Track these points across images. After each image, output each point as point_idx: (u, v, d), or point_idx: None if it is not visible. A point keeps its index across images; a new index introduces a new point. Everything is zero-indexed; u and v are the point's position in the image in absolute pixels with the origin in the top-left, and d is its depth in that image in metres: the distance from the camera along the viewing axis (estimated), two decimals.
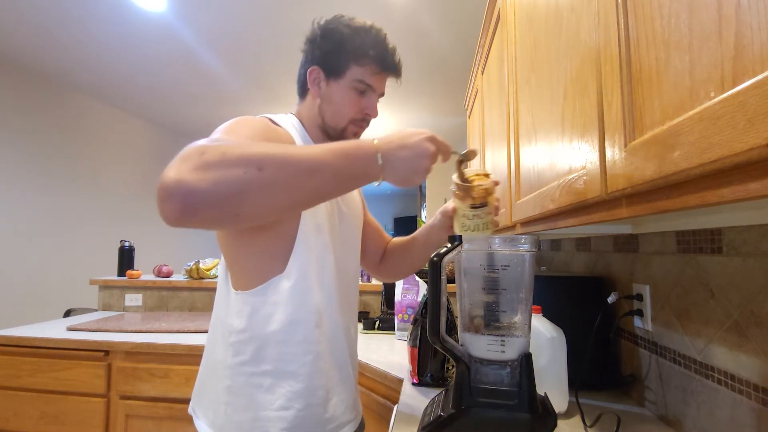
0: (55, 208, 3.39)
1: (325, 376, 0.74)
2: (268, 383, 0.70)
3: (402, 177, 0.60)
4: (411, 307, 1.62)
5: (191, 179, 0.45)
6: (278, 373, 0.70)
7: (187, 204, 0.45)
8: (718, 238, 0.67)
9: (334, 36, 0.77)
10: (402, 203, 9.77)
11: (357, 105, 0.79)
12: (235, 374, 0.71)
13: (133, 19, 2.39)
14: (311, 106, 0.81)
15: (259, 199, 0.50)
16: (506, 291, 0.68)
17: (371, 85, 0.79)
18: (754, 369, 0.59)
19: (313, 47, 0.79)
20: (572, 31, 0.58)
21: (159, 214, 0.46)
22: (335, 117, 0.79)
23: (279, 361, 0.70)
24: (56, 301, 3.30)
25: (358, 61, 0.76)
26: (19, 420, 1.57)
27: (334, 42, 0.77)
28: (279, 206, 0.53)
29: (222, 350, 0.73)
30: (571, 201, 0.56)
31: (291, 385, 0.70)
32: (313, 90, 0.80)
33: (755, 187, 0.26)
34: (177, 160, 0.47)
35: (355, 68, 0.77)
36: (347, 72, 0.77)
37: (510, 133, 1.02)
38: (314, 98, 0.80)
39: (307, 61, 0.80)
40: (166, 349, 1.53)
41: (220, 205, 0.47)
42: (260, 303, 0.71)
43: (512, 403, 0.65)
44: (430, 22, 2.39)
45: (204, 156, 0.47)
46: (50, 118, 3.33)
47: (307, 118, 0.82)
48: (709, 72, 0.29)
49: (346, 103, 0.78)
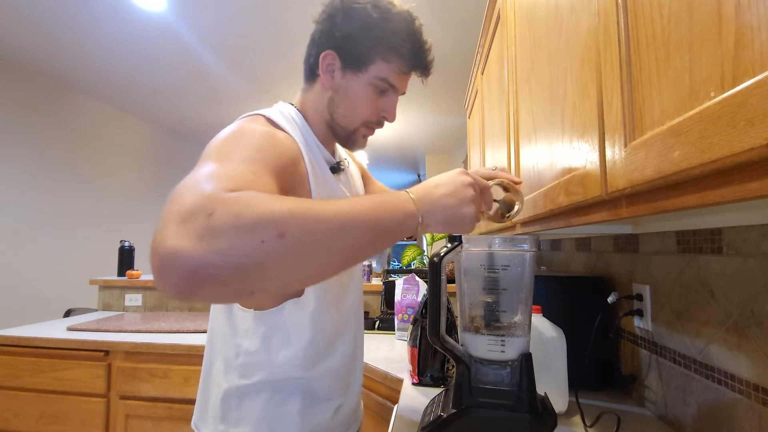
0: (55, 208, 3.39)
1: (338, 391, 0.73)
2: (278, 399, 0.67)
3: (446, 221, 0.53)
4: (411, 307, 1.62)
5: (196, 250, 0.34)
6: (290, 390, 0.67)
7: (191, 280, 0.35)
8: (718, 238, 0.67)
9: (360, 19, 0.64)
10: None
11: (374, 105, 0.69)
12: (242, 395, 0.66)
13: (133, 19, 2.39)
14: (319, 97, 0.70)
15: (280, 271, 0.38)
16: (506, 291, 0.68)
17: (394, 85, 0.68)
18: (754, 369, 0.59)
19: (332, 26, 0.65)
20: (572, 32, 0.58)
21: (156, 285, 0.36)
22: (348, 116, 0.69)
23: (290, 381, 0.67)
24: (56, 301, 3.30)
25: (386, 56, 0.65)
26: (19, 420, 1.57)
27: (359, 27, 0.64)
28: (302, 278, 0.43)
29: (224, 370, 0.68)
30: (571, 201, 0.56)
31: (303, 401, 0.68)
32: (325, 78, 0.68)
33: (755, 187, 0.26)
34: (175, 217, 0.36)
35: (381, 64, 0.65)
36: (370, 67, 0.65)
37: (510, 133, 1.02)
38: (325, 88, 0.69)
39: (322, 41, 0.67)
40: (166, 349, 1.53)
41: (233, 282, 0.36)
42: (277, 325, 0.65)
43: (512, 403, 0.65)
44: (430, 22, 2.39)
45: (212, 219, 0.35)
46: (50, 118, 3.33)
47: (313, 111, 0.71)
48: (709, 72, 0.29)
49: (364, 102, 0.68)
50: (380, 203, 0.47)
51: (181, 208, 0.37)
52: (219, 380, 0.68)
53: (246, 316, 0.66)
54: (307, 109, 0.72)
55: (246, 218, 0.36)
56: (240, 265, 0.35)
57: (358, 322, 0.81)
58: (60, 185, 3.44)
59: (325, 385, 0.71)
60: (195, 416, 0.74)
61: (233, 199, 0.38)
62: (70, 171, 3.53)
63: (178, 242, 0.34)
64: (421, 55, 0.68)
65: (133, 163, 4.29)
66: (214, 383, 0.70)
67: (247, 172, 0.46)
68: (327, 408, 0.71)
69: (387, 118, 0.71)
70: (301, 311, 0.66)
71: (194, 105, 3.90)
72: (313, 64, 0.69)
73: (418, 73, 0.71)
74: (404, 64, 0.67)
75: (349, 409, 0.77)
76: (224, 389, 0.67)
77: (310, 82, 0.72)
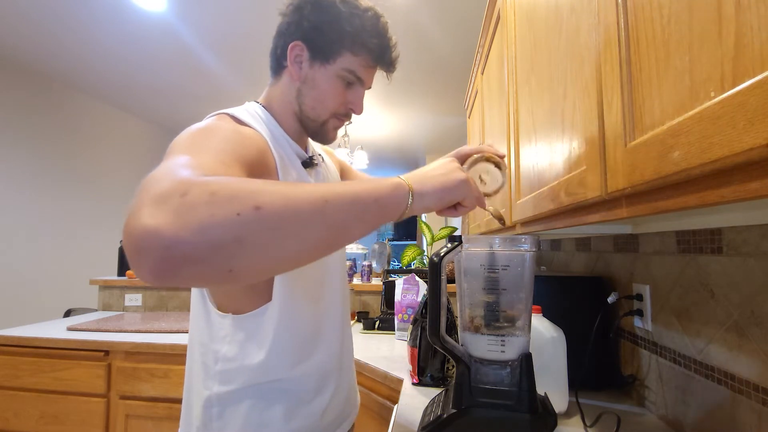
0: (55, 208, 3.39)
1: (325, 391, 0.72)
2: (261, 406, 0.65)
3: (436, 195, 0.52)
4: (411, 307, 1.62)
5: (171, 227, 0.33)
6: (273, 394, 0.66)
7: (166, 259, 0.33)
8: (718, 238, 0.67)
9: (329, 11, 0.65)
10: None
11: (342, 97, 0.69)
12: (224, 403, 0.65)
13: (133, 19, 2.39)
14: (287, 89, 0.70)
15: (259, 246, 0.36)
16: (506, 291, 0.68)
17: (361, 78, 0.69)
18: (754, 369, 0.59)
19: (300, 17, 0.66)
20: (572, 31, 0.58)
21: (132, 269, 0.34)
22: (316, 107, 0.69)
23: (271, 385, 0.66)
24: (56, 301, 3.30)
25: (354, 49, 0.66)
26: (19, 420, 1.57)
27: (328, 19, 0.65)
28: (285, 255, 0.39)
29: (204, 377, 0.66)
30: (571, 201, 0.56)
31: (286, 405, 0.67)
32: (293, 69, 0.68)
33: (755, 187, 0.26)
34: (149, 200, 0.34)
35: (349, 56, 0.66)
36: (339, 59, 0.66)
37: (510, 133, 1.02)
38: (293, 80, 0.69)
39: (289, 33, 0.67)
40: (166, 349, 1.53)
41: (210, 259, 0.34)
42: (254, 329, 0.64)
43: (512, 403, 0.65)
44: (430, 22, 2.39)
45: (187, 197, 0.34)
46: (50, 118, 3.33)
47: (281, 103, 0.71)
48: (709, 72, 0.29)
49: (331, 93, 0.68)
50: (366, 180, 0.48)
51: (155, 191, 0.35)
52: (199, 388, 0.67)
53: (224, 321, 0.65)
54: (274, 103, 0.71)
55: (221, 194, 0.35)
56: (216, 240, 0.34)
57: (343, 318, 0.79)
58: (60, 185, 3.44)
59: (309, 387, 0.69)
60: (181, 424, 0.72)
61: (208, 180, 0.37)
62: (70, 171, 3.53)
63: (152, 221, 0.33)
64: (388, 50, 0.69)
65: (133, 163, 4.29)
66: (195, 391, 0.68)
67: (218, 164, 0.46)
68: (313, 410, 0.70)
69: (354, 110, 0.71)
70: (277, 313, 0.65)
71: (194, 105, 3.90)
72: (280, 55, 0.69)
73: (384, 68, 0.71)
74: (371, 58, 0.68)
75: (338, 408, 0.76)
76: (205, 397, 0.65)
77: (277, 75, 0.72)
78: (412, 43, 2.65)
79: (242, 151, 0.53)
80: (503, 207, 1.10)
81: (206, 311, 0.67)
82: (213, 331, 0.66)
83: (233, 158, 0.50)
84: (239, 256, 0.35)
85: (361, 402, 1.32)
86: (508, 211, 1.03)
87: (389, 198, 0.47)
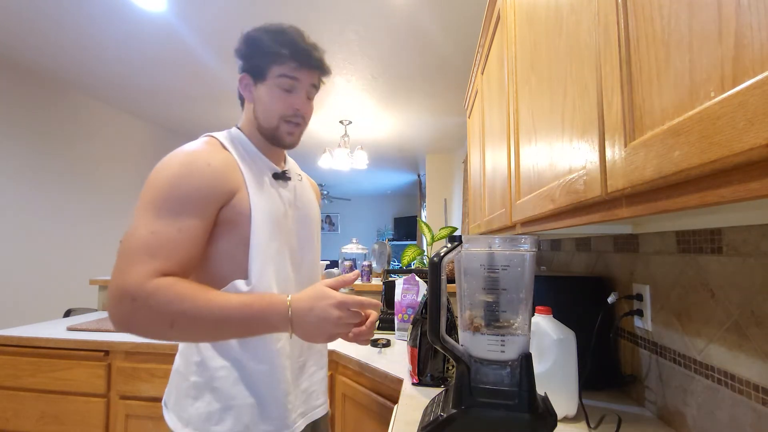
0: (55, 208, 3.39)
1: (287, 369, 0.79)
2: (233, 377, 0.75)
3: (309, 336, 0.69)
4: (411, 307, 1.62)
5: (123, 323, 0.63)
6: (240, 368, 0.76)
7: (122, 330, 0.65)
8: (718, 238, 0.67)
9: (253, 42, 0.82)
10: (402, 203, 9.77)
11: (284, 101, 0.82)
12: (200, 371, 0.76)
13: (133, 19, 2.39)
14: (248, 113, 0.86)
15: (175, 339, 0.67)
16: (506, 291, 0.68)
17: (296, 77, 0.82)
18: (754, 369, 0.59)
19: (239, 56, 0.84)
20: (572, 31, 0.58)
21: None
22: (266, 116, 0.83)
23: (240, 358, 0.76)
24: (56, 301, 3.30)
25: (276, 60, 0.80)
26: (19, 420, 1.57)
27: (254, 48, 0.81)
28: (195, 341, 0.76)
29: (186, 348, 0.79)
30: (571, 201, 0.56)
31: (255, 374, 0.76)
32: (246, 96, 0.85)
33: (755, 187, 0.26)
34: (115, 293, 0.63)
35: (275, 68, 0.81)
36: (269, 72, 0.81)
37: (510, 133, 1.02)
38: (248, 103, 0.86)
39: (239, 71, 0.85)
40: (166, 349, 1.53)
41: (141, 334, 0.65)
42: None
43: (512, 403, 0.65)
44: (430, 22, 2.39)
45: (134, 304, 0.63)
46: (50, 118, 3.33)
47: (248, 125, 0.86)
48: (709, 72, 0.29)
49: (274, 100, 0.82)
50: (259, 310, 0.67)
51: (121, 284, 0.63)
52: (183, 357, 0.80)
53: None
54: (244, 126, 0.87)
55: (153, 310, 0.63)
56: (146, 334, 0.65)
57: None
58: (60, 185, 3.44)
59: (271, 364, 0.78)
60: (165, 396, 0.83)
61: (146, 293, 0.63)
62: (70, 171, 3.53)
63: (114, 313, 0.63)
64: (303, 51, 0.81)
65: (132, 162, 4.29)
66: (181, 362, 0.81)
67: (174, 232, 0.67)
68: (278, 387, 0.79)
69: (300, 109, 0.84)
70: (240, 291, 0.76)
71: (194, 105, 3.90)
72: (239, 91, 0.87)
73: (309, 66, 0.83)
74: (293, 62, 0.81)
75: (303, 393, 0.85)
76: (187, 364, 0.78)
77: (243, 107, 0.89)
78: (412, 43, 2.65)
79: (205, 193, 0.71)
80: (503, 207, 1.10)
81: None
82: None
83: (189, 214, 0.69)
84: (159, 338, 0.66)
85: (361, 402, 1.32)
86: (508, 211, 1.03)
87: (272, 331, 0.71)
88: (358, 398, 1.34)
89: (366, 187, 8.84)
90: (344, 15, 2.33)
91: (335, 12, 2.30)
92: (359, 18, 2.36)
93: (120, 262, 0.64)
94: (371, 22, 2.40)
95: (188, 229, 0.69)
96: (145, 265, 0.64)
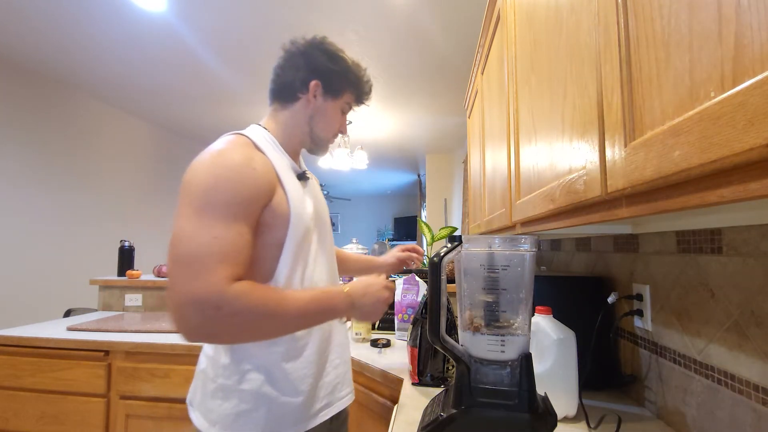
0: (56, 209, 3.39)
1: (314, 364, 0.81)
2: (261, 379, 0.76)
3: (366, 317, 0.80)
4: (411, 307, 1.62)
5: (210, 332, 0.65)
6: (267, 369, 0.77)
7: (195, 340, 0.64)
8: (718, 238, 0.67)
9: (339, 63, 0.88)
10: (402, 203, 9.78)
11: (340, 121, 0.93)
12: (228, 373, 0.76)
13: (133, 19, 2.39)
14: (299, 114, 0.87)
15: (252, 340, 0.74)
16: (506, 291, 0.68)
17: (352, 108, 0.95)
18: (754, 369, 0.59)
19: (314, 61, 0.86)
20: (572, 31, 0.58)
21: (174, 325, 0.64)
22: (326, 130, 0.90)
23: (267, 359, 0.77)
24: (56, 301, 3.30)
25: (353, 89, 0.91)
26: (19, 420, 1.57)
27: (339, 68, 0.87)
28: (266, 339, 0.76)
29: (212, 350, 0.79)
30: (571, 201, 0.56)
31: (282, 376, 0.77)
32: (310, 99, 0.87)
33: (755, 187, 0.26)
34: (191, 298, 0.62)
35: (348, 94, 0.91)
36: (343, 95, 0.90)
37: (510, 133, 1.02)
38: (306, 108, 0.87)
39: (305, 71, 0.85)
40: (166, 349, 1.53)
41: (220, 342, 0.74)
42: None
43: (512, 403, 0.65)
44: (430, 22, 2.39)
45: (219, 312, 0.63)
46: (50, 119, 3.33)
47: (290, 126, 0.88)
48: (709, 72, 0.29)
49: (336, 119, 0.91)
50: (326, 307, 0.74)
51: (199, 292, 0.62)
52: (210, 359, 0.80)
53: None
54: (281, 125, 0.88)
55: (239, 317, 0.64)
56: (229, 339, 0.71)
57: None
58: (60, 185, 3.44)
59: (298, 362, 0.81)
60: (189, 394, 0.84)
61: (231, 301, 0.63)
62: (70, 171, 3.53)
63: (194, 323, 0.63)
64: (370, 92, 0.97)
65: (133, 163, 4.29)
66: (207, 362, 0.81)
67: (232, 238, 0.67)
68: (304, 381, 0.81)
69: (343, 132, 0.96)
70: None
71: (194, 105, 3.90)
72: (298, 88, 0.86)
73: (360, 104, 0.97)
74: (360, 96, 0.94)
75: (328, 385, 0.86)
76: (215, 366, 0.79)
77: (286, 102, 0.88)
78: (412, 43, 2.65)
79: (251, 194, 0.72)
80: (503, 207, 1.10)
81: None
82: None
83: (242, 212, 0.70)
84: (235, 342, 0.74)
85: (361, 402, 1.32)
86: (508, 211, 1.03)
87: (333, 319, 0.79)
88: (358, 398, 1.34)
89: (366, 187, 8.84)
90: (344, 15, 2.33)
91: (335, 12, 2.29)
92: (359, 18, 2.36)
93: (186, 270, 0.62)
94: (371, 22, 2.40)
95: (245, 234, 0.69)
96: (219, 272, 0.63)
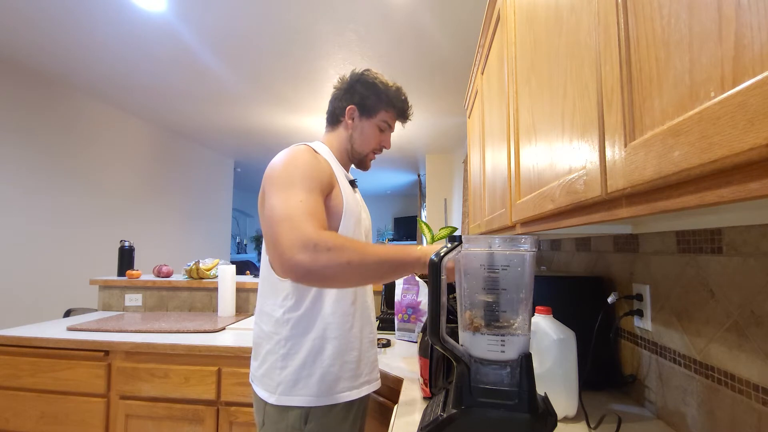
0: (55, 208, 3.39)
1: (358, 340, 0.97)
2: (316, 350, 0.91)
3: None
4: (411, 307, 1.62)
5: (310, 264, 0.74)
6: (324, 338, 0.92)
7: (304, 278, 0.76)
8: (718, 238, 0.67)
9: (372, 87, 1.04)
10: (402, 203, 9.77)
11: (378, 138, 1.07)
12: (288, 347, 0.91)
13: (133, 19, 2.39)
14: (342, 135, 1.06)
15: (342, 280, 0.80)
16: (506, 291, 0.68)
17: (391, 126, 1.08)
18: (754, 369, 0.59)
19: (352, 91, 1.04)
20: (572, 31, 0.58)
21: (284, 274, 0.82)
22: (362, 146, 1.05)
23: (325, 329, 0.92)
24: (56, 301, 3.30)
25: (387, 108, 1.05)
26: (19, 420, 1.57)
27: (371, 92, 1.04)
28: (353, 284, 0.90)
29: (275, 326, 0.93)
30: (571, 201, 0.56)
31: (333, 347, 0.92)
32: (348, 122, 1.05)
33: (755, 187, 0.26)
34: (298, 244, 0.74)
35: (383, 113, 1.05)
36: (378, 115, 1.05)
37: (510, 133, 1.02)
38: (346, 129, 1.05)
39: (344, 99, 1.05)
40: (166, 349, 1.53)
41: (322, 280, 0.78)
42: (308, 289, 0.93)
43: (512, 403, 0.65)
44: (430, 22, 2.39)
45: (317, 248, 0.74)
46: (50, 118, 3.33)
47: (337, 144, 1.06)
48: (709, 72, 0.29)
49: (372, 136, 1.06)
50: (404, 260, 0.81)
51: (300, 237, 0.74)
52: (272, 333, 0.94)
53: (286, 285, 0.94)
54: (332, 143, 1.07)
55: (333, 252, 0.74)
56: (327, 275, 0.75)
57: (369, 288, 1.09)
58: (60, 185, 3.44)
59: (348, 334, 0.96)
60: (252, 371, 0.98)
61: (325, 240, 0.75)
62: (70, 171, 3.53)
63: (299, 260, 0.73)
64: (407, 109, 1.10)
65: (133, 162, 4.29)
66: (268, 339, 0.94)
67: (314, 202, 0.83)
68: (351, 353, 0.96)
69: (385, 146, 1.11)
70: None
71: (194, 105, 3.90)
72: (339, 113, 1.06)
73: (404, 119, 1.11)
74: (397, 114, 1.09)
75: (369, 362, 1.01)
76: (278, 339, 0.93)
77: (334, 125, 1.08)
78: (412, 43, 2.65)
79: (320, 179, 0.89)
80: (503, 207, 1.10)
81: (271, 277, 0.96)
82: (277, 292, 0.95)
83: (318, 190, 0.87)
84: (333, 280, 0.79)
85: None
86: (508, 211, 1.03)
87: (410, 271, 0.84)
88: None
89: (366, 187, 8.84)
90: (344, 15, 2.33)
91: (335, 12, 2.29)
92: (359, 18, 2.36)
93: (288, 224, 0.76)
94: (371, 22, 2.40)
95: (320, 203, 0.85)
96: (311, 222, 0.77)
